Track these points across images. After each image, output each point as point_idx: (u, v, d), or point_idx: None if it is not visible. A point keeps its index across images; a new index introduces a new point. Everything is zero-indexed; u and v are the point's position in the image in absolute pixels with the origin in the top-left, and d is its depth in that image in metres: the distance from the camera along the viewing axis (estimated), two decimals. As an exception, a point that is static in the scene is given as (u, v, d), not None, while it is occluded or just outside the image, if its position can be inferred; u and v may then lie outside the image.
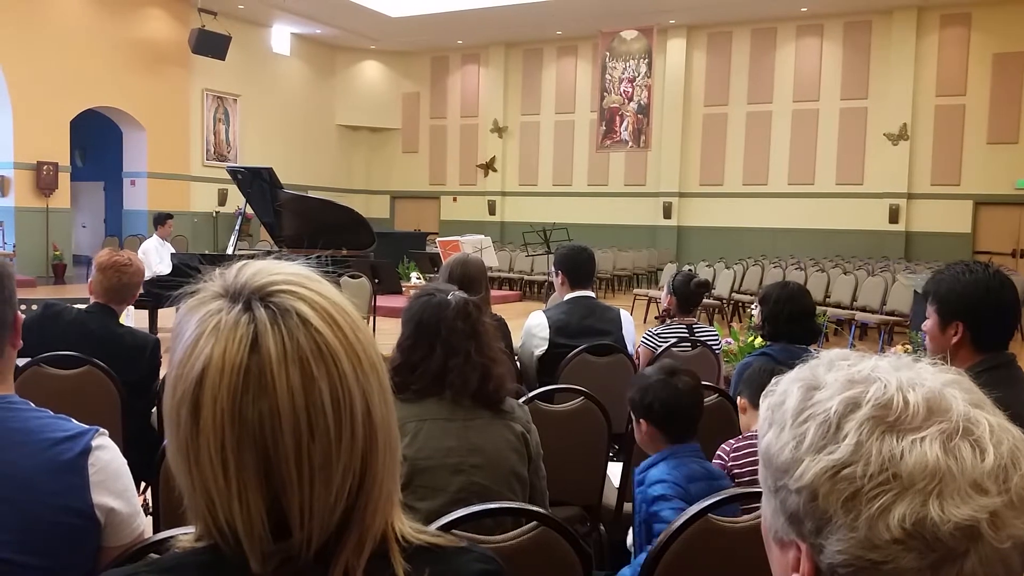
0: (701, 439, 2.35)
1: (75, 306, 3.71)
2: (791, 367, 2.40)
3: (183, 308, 0.82)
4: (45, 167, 15.34)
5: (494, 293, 12.24)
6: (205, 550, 0.80)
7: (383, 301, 10.67)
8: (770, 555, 0.75)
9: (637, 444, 2.41)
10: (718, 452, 2.54)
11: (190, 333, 0.79)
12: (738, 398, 2.75)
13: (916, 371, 0.68)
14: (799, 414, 0.69)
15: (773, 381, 0.75)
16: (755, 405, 2.68)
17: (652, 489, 2.11)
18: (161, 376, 3.34)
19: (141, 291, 9.83)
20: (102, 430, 1.44)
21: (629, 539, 2.39)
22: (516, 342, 3.79)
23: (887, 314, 10.23)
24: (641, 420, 2.29)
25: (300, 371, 0.76)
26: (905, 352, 0.73)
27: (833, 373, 0.70)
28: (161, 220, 9.60)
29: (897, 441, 0.63)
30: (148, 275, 9.12)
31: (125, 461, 1.46)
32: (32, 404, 1.44)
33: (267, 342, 0.76)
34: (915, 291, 9.11)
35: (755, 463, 2.34)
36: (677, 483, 2.10)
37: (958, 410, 0.65)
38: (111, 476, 1.40)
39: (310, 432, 0.76)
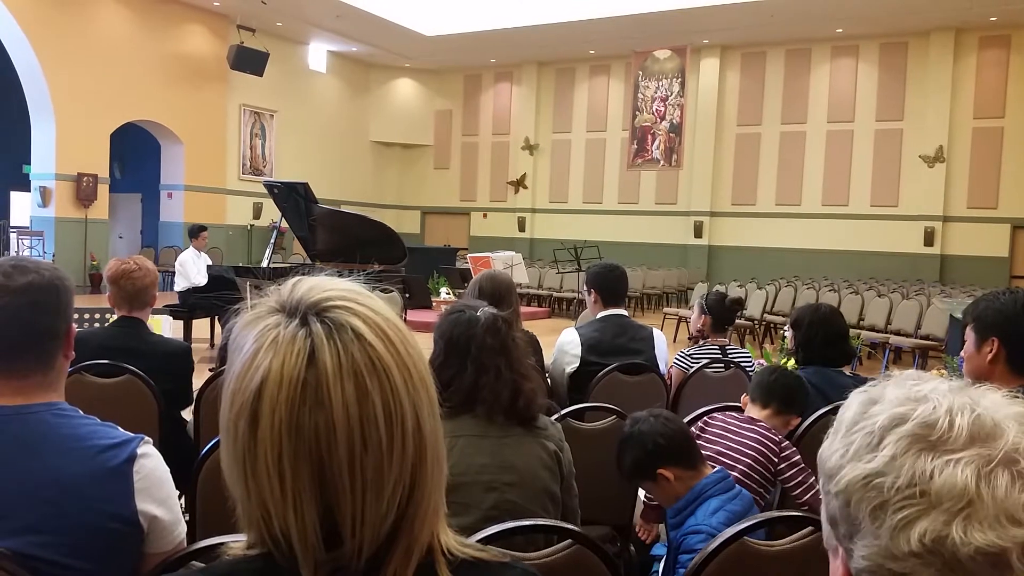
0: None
1: (106, 323, 3.74)
2: (825, 390, 2.38)
3: (239, 323, 0.84)
4: (85, 178, 15.65)
5: (523, 310, 12.22)
6: (258, 558, 0.82)
7: (414, 316, 10.73)
8: (830, 564, 0.76)
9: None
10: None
11: (248, 347, 0.81)
12: (744, 395, 2.81)
13: (977, 397, 0.68)
14: (853, 425, 0.71)
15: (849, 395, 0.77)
16: (752, 399, 2.73)
17: (691, 540, 2.02)
18: (195, 383, 3.39)
19: (176, 302, 9.85)
20: (147, 438, 1.47)
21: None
22: (547, 359, 3.78)
23: (922, 338, 10.07)
24: (660, 471, 2.22)
25: (355, 384, 0.78)
26: (940, 377, 0.74)
27: (894, 390, 0.71)
28: (195, 232, 9.73)
29: (931, 460, 0.64)
30: (184, 286, 9.27)
31: (168, 469, 1.49)
32: (80, 411, 1.48)
33: (323, 356, 0.78)
34: (951, 315, 8.96)
35: (717, 435, 2.33)
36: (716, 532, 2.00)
37: (1007, 440, 0.64)
38: (155, 484, 1.43)
39: (363, 444, 0.78)
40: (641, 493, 3.03)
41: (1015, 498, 0.62)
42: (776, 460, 2.55)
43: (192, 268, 9.24)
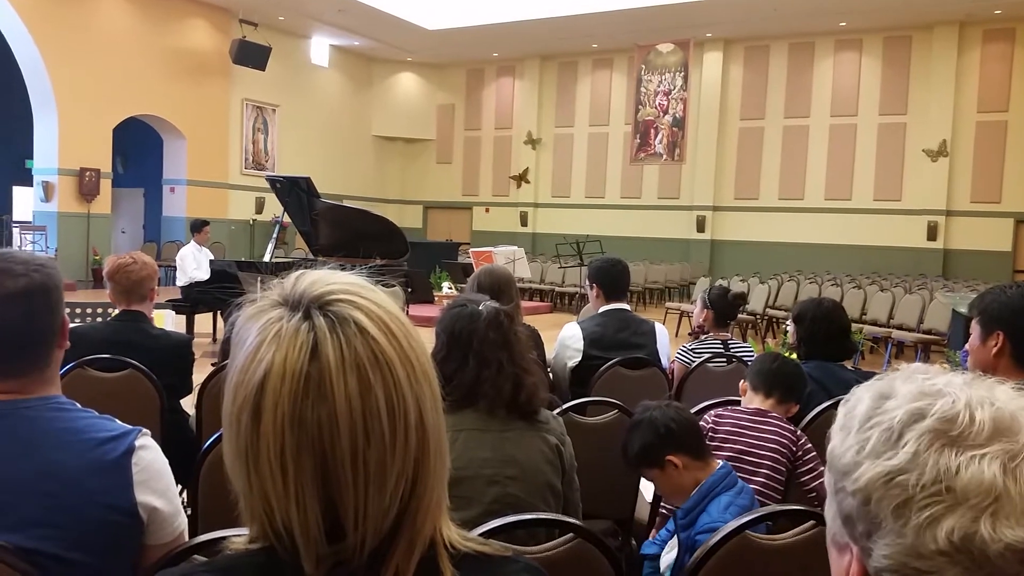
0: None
1: (108, 318, 3.75)
2: (827, 384, 2.35)
3: (242, 316, 0.84)
4: (87, 173, 15.66)
5: (525, 304, 12.20)
6: (260, 552, 0.82)
7: (416, 310, 10.73)
8: (830, 559, 0.75)
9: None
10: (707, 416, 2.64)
11: (251, 340, 0.80)
12: (741, 381, 2.77)
13: (991, 391, 0.68)
14: (866, 420, 0.69)
15: (852, 390, 0.75)
16: (753, 388, 2.69)
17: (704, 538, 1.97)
18: (197, 378, 3.40)
19: (179, 296, 9.86)
20: (145, 430, 1.47)
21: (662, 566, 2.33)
22: (548, 353, 3.78)
23: (924, 332, 10.06)
24: (668, 457, 2.21)
25: (357, 378, 0.78)
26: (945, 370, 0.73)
27: (907, 385, 0.70)
28: (197, 227, 9.71)
29: (956, 456, 0.63)
30: (185, 280, 9.28)
31: (167, 461, 1.49)
32: (78, 405, 1.48)
33: (326, 349, 0.78)
34: (953, 310, 8.95)
35: (734, 433, 2.31)
36: None
37: None
38: (154, 475, 1.43)
39: (366, 437, 0.78)
40: (645, 487, 3.03)
41: None
42: (795, 449, 2.52)
43: (191, 263, 9.22)
